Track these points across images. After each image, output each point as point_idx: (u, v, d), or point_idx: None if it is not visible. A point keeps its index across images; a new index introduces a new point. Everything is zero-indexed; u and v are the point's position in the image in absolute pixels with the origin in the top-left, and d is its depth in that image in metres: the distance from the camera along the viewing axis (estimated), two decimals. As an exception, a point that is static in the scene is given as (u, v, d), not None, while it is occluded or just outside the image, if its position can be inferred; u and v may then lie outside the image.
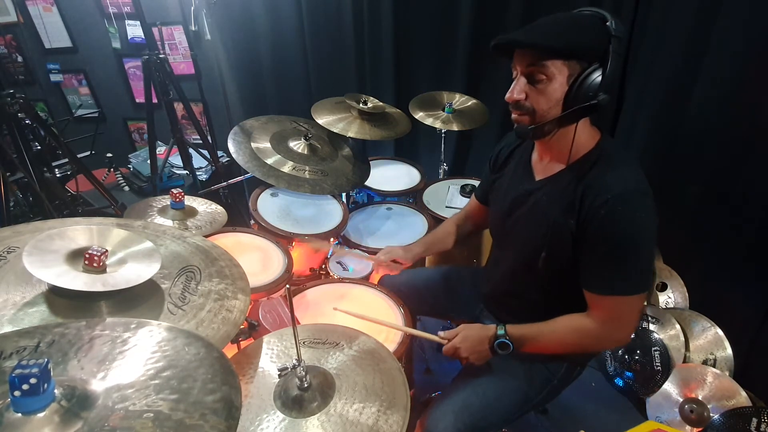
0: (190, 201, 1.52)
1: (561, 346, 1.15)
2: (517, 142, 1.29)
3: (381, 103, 2.12)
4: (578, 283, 1.08)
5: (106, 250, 0.89)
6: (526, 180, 1.19)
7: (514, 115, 1.08)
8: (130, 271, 0.89)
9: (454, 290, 1.51)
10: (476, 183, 2.21)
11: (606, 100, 0.97)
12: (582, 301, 1.09)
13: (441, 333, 1.21)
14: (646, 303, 1.99)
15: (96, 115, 3.05)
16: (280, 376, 0.91)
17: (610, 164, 1.03)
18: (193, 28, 2.79)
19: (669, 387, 1.73)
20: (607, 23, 0.97)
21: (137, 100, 3.13)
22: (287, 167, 1.76)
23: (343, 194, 2.09)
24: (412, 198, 2.24)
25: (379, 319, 1.26)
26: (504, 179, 1.28)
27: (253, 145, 1.80)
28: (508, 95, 1.05)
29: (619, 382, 1.93)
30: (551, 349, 1.16)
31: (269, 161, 1.76)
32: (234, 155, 1.74)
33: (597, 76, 0.97)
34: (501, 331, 1.13)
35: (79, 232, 0.92)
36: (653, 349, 1.83)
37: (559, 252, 1.08)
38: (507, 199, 1.22)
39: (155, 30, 2.73)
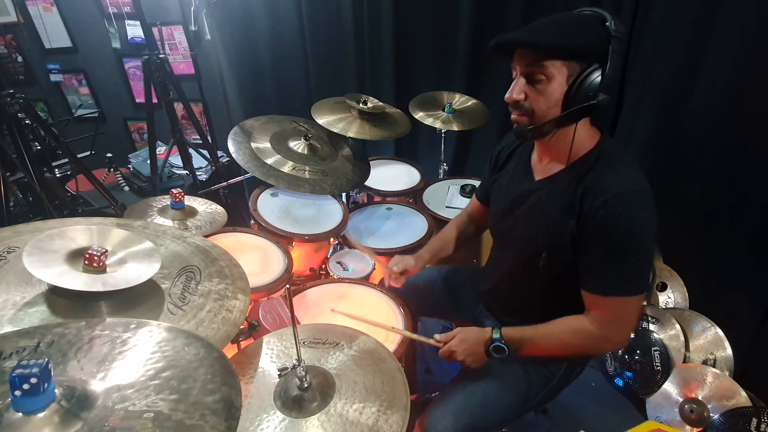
0: (190, 201, 1.51)
1: (560, 348, 1.14)
2: (517, 142, 1.29)
3: (381, 103, 2.11)
4: (578, 284, 1.08)
5: (106, 250, 0.89)
6: (526, 180, 1.19)
7: (513, 116, 1.07)
8: (130, 271, 0.89)
9: (454, 291, 1.51)
10: (476, 183, 2.21)
11: (606, 101, 0.97)
12: (581, 302, 1.09)
13: (437, 336, 1.20)
14: (645, 303, 1.99)
15: (96, 115, 3.05)
16: (280, 376, 0.91)
17: (610, 164, 1.03)
18: (193, 28, 2.79)
19: (669, 387, 1.73)
20: (607, 23, 0.96)
21: (137, 100, 3.13)
22: (287, 167, 1.76)
23: (343, 194, 2.09)
24: (412, 198, 2.24)
25: (376, 321, 1.26)
26: (504, 179, 1.28)
27: (253, 145, 1.80)
28: (507, 95, 1.05)
29: (619, 382, 1.93)
30: (550, 351, 1.16)
31: (269, 161, 1.76)
32: (234, 155, 1.74)
33: (596, 77, 0.97)
34: (496, 335, 1.12)
35: (79, 232, 0.92)
36: (653, 349, 1.83)
37: (559, 253, 1.08)
38: (507, 199, 1.22)
39: (155, 30, 2.73)
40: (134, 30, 2.86)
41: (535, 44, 1.00)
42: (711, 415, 1.61)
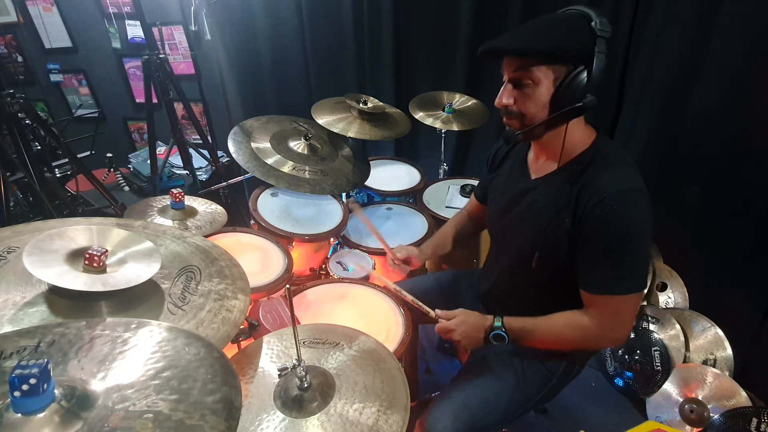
0: (190, 201, 1.51)
1: (558, 342, 1.15)
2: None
3: (381, 103, 2.11)
4: (575, 282, 1.08)
5: (106, 250, 0.89)
6: (522, 179, 1.19)
7: (504, 120, 1.08)
8: (130, 271, 0.89)
9: (452, 295, 1.51)
10: (476, 183, 2.21)
11: (592, 102, 0.97)
12: (579, 300, 1.09)
13: (438, 311, 1.22)
14: (645, 303, 1.99)
15: (96, 115, 3.05)
16: (280, 376, 0.91)
17: (606, 164, 1.03)
18: (193, 28, 2.79)
19: (669, 387, 1.73)
20: (592, 23, 0.96)
21: (137, 100, 3.13)
22: (287, 167, 1.76)
23: (343, 194, 2.09)
24: (412, 198, 2.24)
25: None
26: (501, 178, 1.29)
27: (253, 145, 1.80)
28: (497, 101, 1.06)
29: (619, 382, 1.93)
30: (548, 344, 1.17)
31: (269, 161, 1.76)
32: (234, 155, 1.74)
33: (583, 78, 0.97)
34: (498, 323, 1.14)
35: (79, 232, 0.92)
36: (653, 349, 1.83)
37: (555, 251, 1.08)
38: (503, 198, 1.23)
39: (155, 30, 2.73)
40: (134, 30, 2.86)
41: (518, 51, 1.00)
42: (711, 415, 1.61)
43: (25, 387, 0.54)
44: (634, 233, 0.99)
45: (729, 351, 1.75)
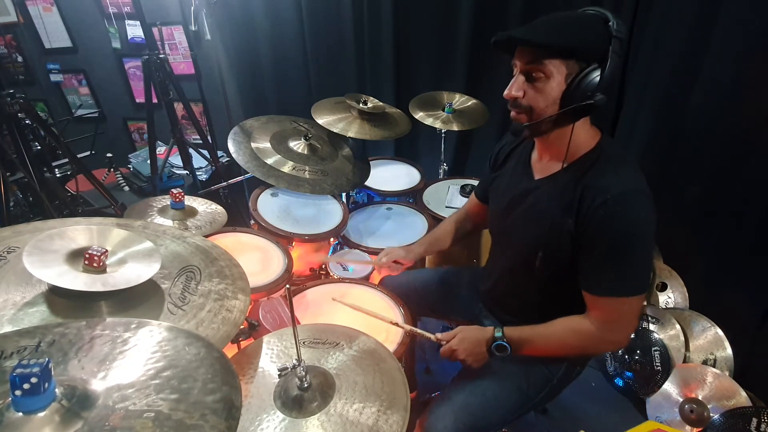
0: (190, 201, 1.51)
1: (560, 348, 1.14)
2: (517, 141, 1.29)
3: (381, 103, 2.12)
4: (577, 283, 1.08)
5: (106, 250, 0.89)
6: (525, 179, 1.19)
7: (512, 113, 1.08)
8: (130, 271, 0.89)
9: (452, 291, 1.51)
10: (476, 183, 2.21)
11: (603, 101, 0.97)
12: (581, 301, 1.09)
13: (438, 335, 1.21)
14: (645, 303, 1.99)
15: (96, 115, 3.06)
16: (280, 376, 0.91)
17: (610, 165, 1.03)
18: (193, 28, 2.80)
19: (669, 387, 1.73)
20: (609, 23, 0.97)
21: (137, 100, 3.14)
22: (287, 167, 1.76)
23: (343, 194, 2.09)
24: (412, 198, 2.24)
25: (377, 313, 1.26)
26: (503, 178, 1.28)
27: (253, 145, 1.80)
28: (506, 92, 1.05)
29: (619, 382, 1.93)
30: (550, 352, 1.16)
31: (269, 161, 1.76)
32: (234, 155, 1.74)
33: (595, 76, 0.96)
34: (498, 334, 1.13)
35: (79, 232, 0.92)
36: (653, 349, 1.83)
37: (557, 252, 1.08)
38: (506, 198, 1.23)
39: (155, 30, 2.73)
40: (134, 30, 2.87)
41: (534, 42, 0.99)
42: (711, 415, 1.61)
43: (26, 386, 0.54)
44: (638, 234, 0.99)
45: (729, 351, 1.75)
